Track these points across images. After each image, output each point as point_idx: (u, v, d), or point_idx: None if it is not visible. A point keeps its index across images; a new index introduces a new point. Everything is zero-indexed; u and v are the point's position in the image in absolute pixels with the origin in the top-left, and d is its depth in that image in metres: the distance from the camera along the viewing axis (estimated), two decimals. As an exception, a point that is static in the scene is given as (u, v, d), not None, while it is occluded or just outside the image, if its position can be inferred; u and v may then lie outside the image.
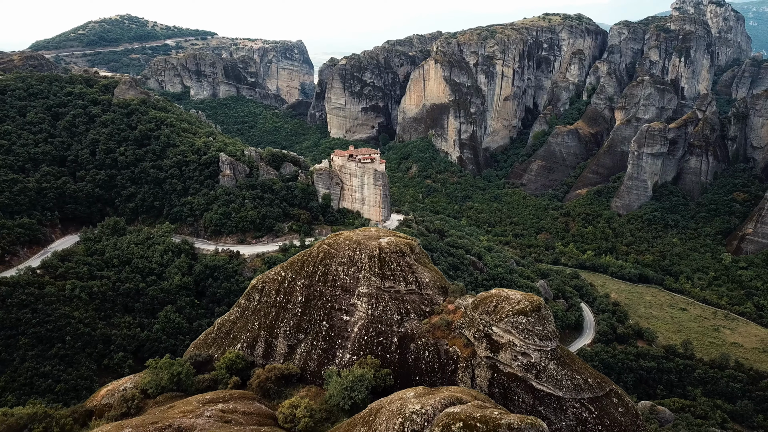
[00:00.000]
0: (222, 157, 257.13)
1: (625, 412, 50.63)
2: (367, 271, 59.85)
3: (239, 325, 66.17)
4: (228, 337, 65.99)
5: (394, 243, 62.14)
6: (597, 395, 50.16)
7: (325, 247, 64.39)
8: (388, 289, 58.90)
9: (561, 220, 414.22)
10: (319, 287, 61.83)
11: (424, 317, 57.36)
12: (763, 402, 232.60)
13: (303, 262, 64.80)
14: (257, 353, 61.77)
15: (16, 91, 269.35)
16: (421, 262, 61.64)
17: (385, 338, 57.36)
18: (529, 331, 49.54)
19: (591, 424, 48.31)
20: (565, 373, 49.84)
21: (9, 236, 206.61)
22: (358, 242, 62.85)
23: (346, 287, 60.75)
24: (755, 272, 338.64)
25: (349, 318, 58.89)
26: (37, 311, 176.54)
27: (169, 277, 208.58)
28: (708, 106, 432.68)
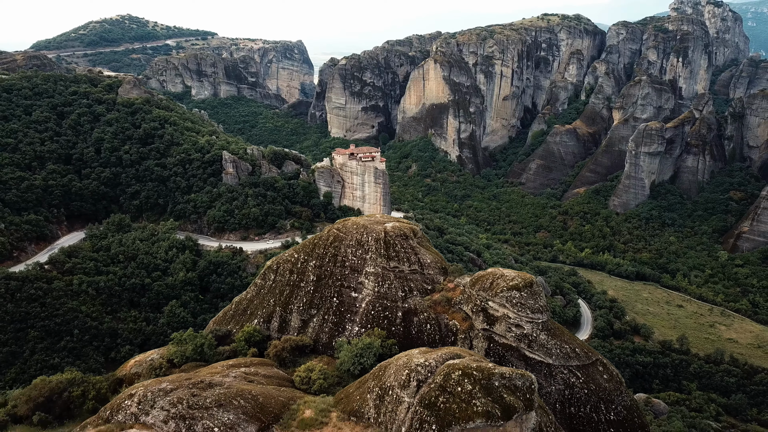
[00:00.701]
0: (225, 155, 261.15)
1: (610, 378, 55.05)
2: (373, 253, 64.38)
3: (255, 302, 70.90)
4: (245, 313, 70.63)
5: (398, 227, 66.84)
6: (584, 363, 54.59)
7: (334, 231, 69.09)
8: (392, 269, 63.29)
9: (559, 219, 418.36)
10: (329, 267, 66.34)
11: (426, 294, 61.94)
12: (757, 396, 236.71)
13: (314, 245, 69.57)
14: (273, 327, 66.28)
15: (21, 91, 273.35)
16: (422, 245, 66.35)
17: (391, 313, 61.95)
18: (522, 304, 53.88)
19: (578, 388, 52.74)
20: (554, 342, 54.25)
21: (17, 232, 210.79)
22: (365, 226, 67.42)
23: (354, 267, 65.24)
24: (751, 270, 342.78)
25: (358, 295, 63.30)
26: (46, 305, 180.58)
27: (173, 272, 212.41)
28: (705, 106, 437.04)
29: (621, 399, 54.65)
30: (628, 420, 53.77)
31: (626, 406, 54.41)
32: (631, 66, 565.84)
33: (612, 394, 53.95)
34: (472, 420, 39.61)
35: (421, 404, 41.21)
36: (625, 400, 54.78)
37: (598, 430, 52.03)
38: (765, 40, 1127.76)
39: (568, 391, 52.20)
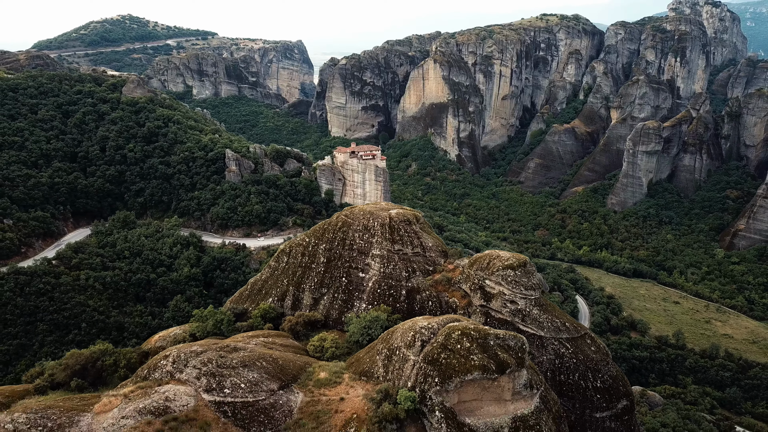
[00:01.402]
0: (228, 153, 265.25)
1: (597, 350, 59.43)
2: (379, 237, 68.71)
3: (270, 282, 75.35)
4: (260, 293, 74.88)
5: (401, 213, 71.08)
6: (573, 336, 58.97)
7: (343, 218, 73.48)
8: (397, 252, 67.47)
9: (558, 217, 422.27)
10: (338, 250, 70.76)
11: (428, 275, 66.36)
12: (752, 389, 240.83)
13: (324, 230, 74.10)
14: (286, 305, 70.68)
15: (27, 90, 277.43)
16: (424, 230, 70.88)
17: (395, 291, 66.18)
18: (517, 282, 58.24)
19: (567, 358, 57.09)
20: (546, 317, 58.65)
21: (24, 228, 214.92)
22: (371, 213, 72.00)
23: (361, 250, 69.64)
24: (747, 267, 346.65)
25: (365, 275, 67.59)
26: (54, 299, 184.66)
27: (178, 268, 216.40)
28: (702, 105, 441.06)
29: (607, 369, 58.99)
30: (613, 388, 58.08)
31: (612, 376, 58.71)
32: (629, 66, 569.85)
33: (599, 364, 58.26)
34: (470, 372, 44.21)
35: (425, 361, 45.84)
36: (611, 370, 59.16)
37: (586, 396, 56.53)
38: (764, 40, 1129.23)
39: (559, 361, 56.62)
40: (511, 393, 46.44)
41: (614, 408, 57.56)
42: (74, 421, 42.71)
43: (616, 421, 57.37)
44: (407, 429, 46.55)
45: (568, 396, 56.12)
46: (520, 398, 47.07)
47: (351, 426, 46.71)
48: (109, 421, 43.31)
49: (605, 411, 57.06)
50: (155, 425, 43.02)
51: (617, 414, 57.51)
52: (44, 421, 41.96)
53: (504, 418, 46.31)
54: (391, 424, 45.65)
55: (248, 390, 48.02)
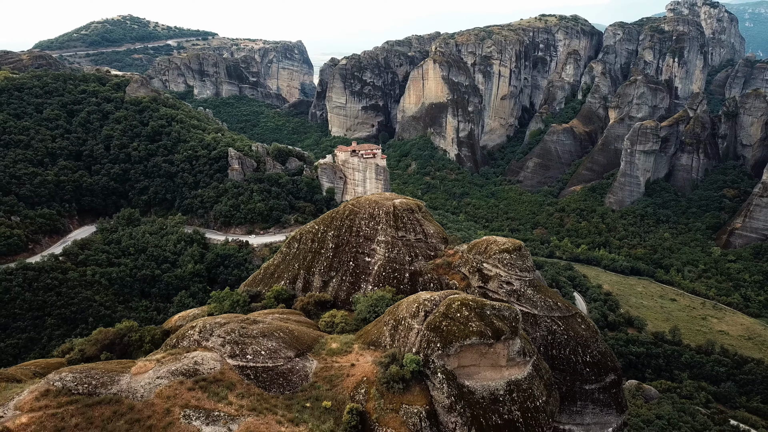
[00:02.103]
0: (231, 152, 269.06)
1: (587, 328, 63.52)
2: (384, 224, 72.85)
3: (282, 267, 79.67)
4: (273, 276, 79.06)
5: (405, 203, 75.35)
6: (564, 315, 63.09)
7: (350, 207, 77.82)
8: (401, 238, 71.65)
9: (556, 216, 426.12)
10: (346, 237, 75.06)
11: (430, 259, 70.56)
12: (746, 384, 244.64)
13: (332, 218, 78.63)
14: (297, 287, 75.00)
15: (32, 89, 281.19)
16: (426, 219, 75.37)
17: (399, 274, 70.37)
18: (512, 264, 62.41)
19: (559, 334, 61.23)
20: (539, 297, 62.84)
21: (32, 225, 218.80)
22: (376, 202, 76.51)
23: (367, 236, 73.93)
24: (743, 265, 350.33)
25: (370, 259, 71.77)
26: (62, 294, 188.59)
27: (182, 264, 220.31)
28: (699, 105, 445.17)
29: (596, 345, 63.05)
30: (602, 362, 62.15)
31: (601, 351, 62.75)
32: (627, 66, 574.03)
33: (588, 341, 62.32)
34: (468, 338, 48.68)
35: (427, 328, 50.37)
36: (599, 347, 63.23)
37: (576, 369, 60.59)
38: (763, 41, 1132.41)
39: (551, 337, 60.75)
40: (506, 359, 50.82)
41: (602, 381, 61.83)
42: (115, 380, 47.15)
43: (605, 393, 61.66)
44: (412, 389, 50.84)
45: (560, 369, 60.18)
46: (514, 365, 51.52)
47: (362, 387, 51.13)
48: (146, 380, 47.73)
49: (594, 383, 61.38)
50: (187, 384, 47.46)
51: (605, 387, 61.79)
52: (88, 379, 46.40)
53: (499, 382, 50.77)
54: (398, 384, 50.36)
55: (268, 357, 52.33)
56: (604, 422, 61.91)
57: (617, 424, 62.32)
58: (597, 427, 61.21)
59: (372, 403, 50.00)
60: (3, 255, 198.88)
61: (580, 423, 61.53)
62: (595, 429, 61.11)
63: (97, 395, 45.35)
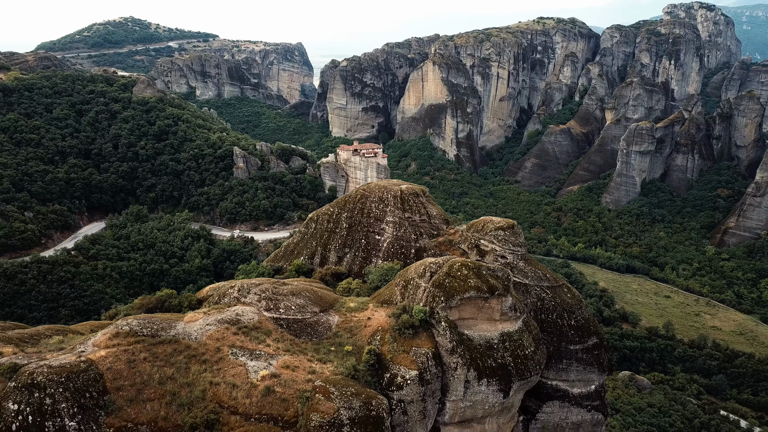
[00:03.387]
0: (236, 150, 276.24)
1: (572, 297, 71.07)
2: (392, 206, 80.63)
3: (301, 245, 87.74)
4: (293, 253, 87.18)
5: (410, 188, 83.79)
6: (552, 284, 70.72)
7: (361, 191, 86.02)
8: (407, 219, 79.56)
9: (553, 215, 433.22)
10: (358, 218, 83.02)
11: (433, 238, 78.37)
12: (737, 378, 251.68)
13: (346, 201, 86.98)
14: (315, 262, 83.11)
15: (42, 89, 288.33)
16: (429, 202, 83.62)
17: (406, 250, 78.17)
18: (506, 240, 70.00)
19: (547, 301, 68.79)
20: (530, 268, 70.53)
21: (44, 221, 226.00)
22: (385, 187, 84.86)
23: (377, 217, 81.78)
24: (736, 263, 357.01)
25: (380, 237, 79.55)
26: (75, 287, 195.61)
27: (189, 259, 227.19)
28: (694, 107, 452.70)
29: (581, 311, 70.64)
30: (585, 326, 69.60)
31: (584, 317, 70.18)
32: (624, 68, 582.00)
33: (573, 307, 69.94)
34: (467, 292, 56.88)
35: (433, 285, 58.59)
36: (584, 313, 70.78)
37: (562, 332, 68.03)
38: (760, 43, 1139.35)
39: (540, 303, 68.33)
40: (500, 314, 58.81)
41: (586, 342, 69.32)
42: (171, 326, 55.80)
43: (587, 353, 69.10)
44: (420, 335, 58.76)
45: (548, 331, 67.52)
46: (507, 319, 59.52)
47: (377, 334, 59.39)
48: (198, 326, 56.31)
49: (578, 344, 68.86)
50: (231, 330, 55.94)
51: (588, 348, 69.27)
52: (150, 324, 55.07)
53: (494, 333, 59.02)
54: (408, 330, 58.46)
55: (297, 311, 60.77)
56: (587, 379, 69.39)
57: (599, 382, 69.91)
58: (581, 384, 68.76)
59: (386, 346, 58.10)
60: (17, 249, 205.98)
61: (566, 379, 68.81)
62: (579, 385, 68.68)
63: (159, 336, 54.06)
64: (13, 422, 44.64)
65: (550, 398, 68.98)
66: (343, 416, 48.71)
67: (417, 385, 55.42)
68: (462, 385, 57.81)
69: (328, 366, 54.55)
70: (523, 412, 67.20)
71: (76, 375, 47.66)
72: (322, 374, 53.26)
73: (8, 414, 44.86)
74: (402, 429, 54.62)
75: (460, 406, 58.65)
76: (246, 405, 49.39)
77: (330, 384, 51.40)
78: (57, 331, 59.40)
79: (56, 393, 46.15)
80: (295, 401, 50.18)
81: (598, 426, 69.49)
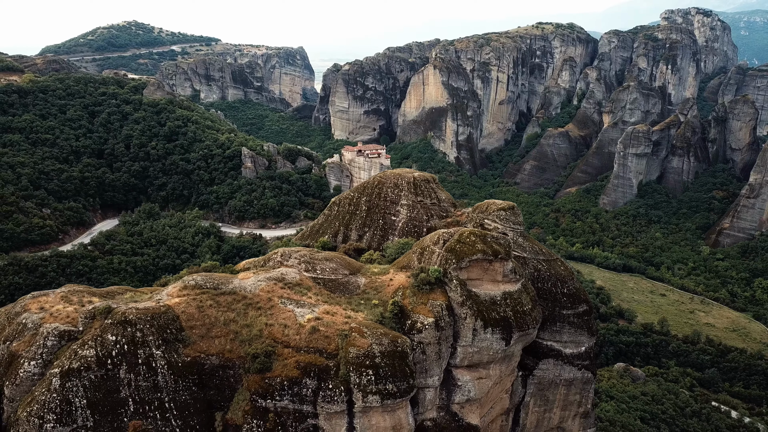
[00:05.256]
0: (244, 151, 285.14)
1: (565, 269, 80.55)
2: (406, 191, 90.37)
3: (325, 225, 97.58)
4: (318, 232, 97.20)
5: (422, 175, 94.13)
6: (547, 258, 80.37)
7: (378, 178, 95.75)
8: (419, 202, 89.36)
9: (552, 216, 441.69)
10: (376, 201, 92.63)
11: (442, 218, 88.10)
12: (730, 372, 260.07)
13: (364, 187, 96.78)
14: (338, 240, 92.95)
15: (56, 91, 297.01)
16: (439, 188, 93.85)
17: (418, 229, 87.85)
18: (507, 219, 79.43)
19: (543, 272, 78.34)
20: (528, 244, 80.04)
21: (61, 217, 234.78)
22: (399, 174, 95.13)
23: (393, 201, 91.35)
24: (731, 263, 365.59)
25: (396, 218, 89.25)
26: (92, 280, 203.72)
27: (200, 255, 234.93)
28: (690, 110, 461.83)
29: (572, 282, 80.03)
30: (576, 295, 78.88)
31: (576, 287, 79.55)
32: (622, 73, 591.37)
33: (566, 278, 79.22)
34: (475, 254, 66.71)
35: (446, 250, 68.48)
36: (575, 283, 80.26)
37: (556, 298, 77.50)
38: (758, 48, 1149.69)
39: (536, 273, 77.69)
40: (502, 275, 68.39)
41: (576, 308, 78.79)
42: (229, 281, 66.56)
43: (578, 318, 78.53)
44: (435, 291, 68.92)
45: (543, 298, 76.71)
46: (508, 281, 69.16)
47: (399, 291, 69.85)
48: (251, 282, 66.79)
49: (570, 309, 78.46)
50: (279, 285, 66.58)
51: (579, 313, 78.81)
52: (212, 279, 65.74)
53: (497, 292, 69.06)
54: (425, 286, 68.75)
55: (331, 272, 71.35)
56: (578, 341, 78.57)
57: (588, 344, 79.03)
58: (572, 345, 77.95)
59: (407, 299, 68.56)
60: (37, 243, 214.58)
61: (559, 340, 78.06)
62: (571, 346, 77.83)
63: (220, 289, 65.06)
64: (113, 349, 56.55)
65: (546, 356, 78.11)
66: (375, 350, 59.73)
67: (433, 329, 65.48)
68: (471, 333, 67.40)
69: (360, 314, 65.21)
70: (522, 368, 76.64)
71: (158, 315, 59.40)
72: (356, 319, 64.11)
73: (109, 343, 56.70)
74: (421, 366, 64.69)
75: (468, 350, 68.22)
76: (296, 340, 60.34)
77: (363, 326, 62.56)
78: (125, 290, 70.80)
79: (144, 328, 57.67)
80: (336, 338, 61.06)
81: (588, 384, 78.84)
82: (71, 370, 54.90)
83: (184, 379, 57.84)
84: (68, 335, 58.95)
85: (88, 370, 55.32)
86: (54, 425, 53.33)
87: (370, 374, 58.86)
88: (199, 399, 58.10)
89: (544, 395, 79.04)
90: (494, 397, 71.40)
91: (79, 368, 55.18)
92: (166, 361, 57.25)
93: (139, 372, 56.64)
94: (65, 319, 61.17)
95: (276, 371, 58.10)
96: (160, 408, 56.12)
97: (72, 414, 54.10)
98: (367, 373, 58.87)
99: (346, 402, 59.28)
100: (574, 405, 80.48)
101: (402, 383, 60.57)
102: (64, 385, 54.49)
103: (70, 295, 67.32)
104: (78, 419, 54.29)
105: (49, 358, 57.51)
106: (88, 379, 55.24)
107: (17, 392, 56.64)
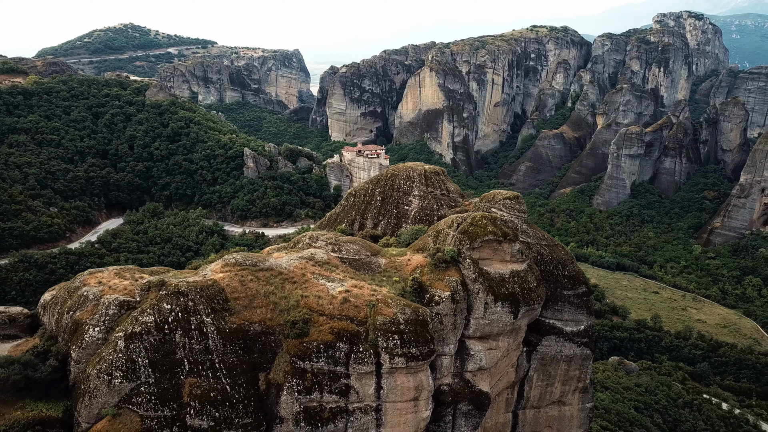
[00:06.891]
0: (246, 151, 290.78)
1: (565, 254, 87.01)
2: (418, 182, 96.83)
3: (342, 214, 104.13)
4: (336, 221, 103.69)
5: (432, 168, 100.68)
6: (550, 243, 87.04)
7: (391, 171, 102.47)
8: (430, 193, 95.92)
9: (547, 216, 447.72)
10: (389, 192, 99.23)
11: (451, 208, 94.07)
12: (720, 366, 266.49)
13: (378, 179, 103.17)
14: (355, 228, 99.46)
15: (60, 93, 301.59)
16: (448, 180, 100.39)
17: (430, 217, 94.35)
18: (512, 207, 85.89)
19: (545, 255, 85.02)
20: (531, 230, 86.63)
21: (67, 216, 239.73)
22: (411, 167, 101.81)
23: (405, 191, 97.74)
24: (722, 261, 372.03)
25: (408, 208, 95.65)
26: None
27: (204, 253, 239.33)
28: (682, 112, 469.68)
29: (573, 265, 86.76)
30: (576, 277, 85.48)
31: (575, 270, 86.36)
32: (615, 75, 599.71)
33: (567, 262, 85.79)
34: (486, 235, 73.61)
35: (459, 233, 75.46)
36: (575, 267, 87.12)
37: (558, 280, 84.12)
38: (749, 51, 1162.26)
39: (539, 257, 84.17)
40: (510, 256, 75.17)
41: (576, 289, 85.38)
42: (265, 259, 73.71)
43: (578, 299, 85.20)
44: (450, 269, 76.00)
45: (546, 279, 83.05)
46: (515, 261, 76.10)
47: (417, 269, 77.02)
48: (285, 260, 73.72)
49: (570, 290, 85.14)
50: (310, 263, 73.75)
51: (578, 294, 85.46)
52: (250, 258, 72.85)
53: (506, 270, 76.27)
54: (442, 264, 76.03)
55: (354, 253, 78.46)
56: (577, 320, 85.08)
57: (587, 323, 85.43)
58: (573, 323, 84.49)
59: (425, 276, 76.06)
60: (45, 241, 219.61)
61: (560, 318, 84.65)
62: (571, 324, 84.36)
63: (258, 266, 72.33)
64: (168, 316, 63.95)
65: (548, 333, 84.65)
66: (399, 318, 67.53)
67: (449, 302, 72.81)
68: (483, 306, 74.34)
69: (384, 289, 72.50)
70: (527, 345, 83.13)
71: (207, 287, 66.98)
72: (381, 292, 71.32)
73: (165, 311, 64.13)
74: (439, 335, 71.87)
75: (481, 322, 75.21)
76: (330, 309, 67.74)
77: (388, 298, 70.29)
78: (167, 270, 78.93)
79: (195, 298, 65.19)
80: (364, 307, 68.62)
81: (586, 360, 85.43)
82: (134, 333, 62.35)
83: (231, 343, 65.22)
84: (127, 305, 66.61)
85: (149, 334, 62.65)
86: (121, 381, 60.78)
87: (396, 339, 66.34)
88: (244, 361, 65.50)
89: (546, 370, 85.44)
90: (502, 369, 77.87)
91: (140, 332, 62.52)
92: (215, 327, 64.48)
93: (193, 336, 63.95)
94: (123, 291, 68.83)
95: (312, 336, 65.63)
96: (211, 368, 63.19)
97: (136, 371, 61.57)
98: (393, 337, 66.40)
99: (374, 364, 66.90)
100: (574, 380, 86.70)
101: (424, 347, 68.01)
102: (128, 346, 61.95)
103: (123, 272, 75.54)
104: (141, 376, 61.62)
105: (111, 324, 64.71)
106: (148, 342, 62.63)
107: (83, 355, 64.13)
